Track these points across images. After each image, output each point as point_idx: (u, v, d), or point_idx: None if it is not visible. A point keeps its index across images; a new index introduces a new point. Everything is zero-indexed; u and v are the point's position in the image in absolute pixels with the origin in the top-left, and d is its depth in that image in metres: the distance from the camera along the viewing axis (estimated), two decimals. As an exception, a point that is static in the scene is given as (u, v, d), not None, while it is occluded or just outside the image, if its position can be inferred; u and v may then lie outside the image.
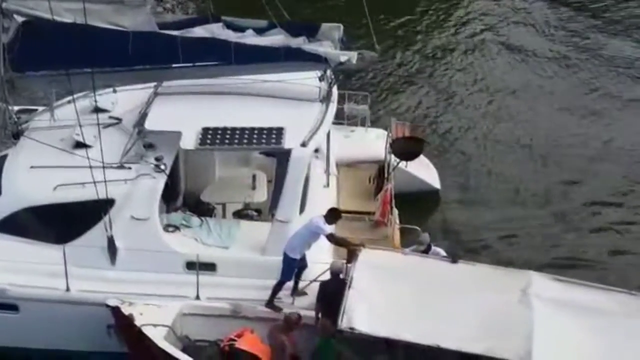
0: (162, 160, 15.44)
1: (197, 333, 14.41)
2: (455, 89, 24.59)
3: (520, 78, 25.18)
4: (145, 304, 14.25)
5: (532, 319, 12.91)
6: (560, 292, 13.61)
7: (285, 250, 14.56)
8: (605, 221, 19.71)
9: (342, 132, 19.32)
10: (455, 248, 17.53)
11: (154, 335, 13.83)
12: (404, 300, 13.39)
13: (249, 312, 14.57)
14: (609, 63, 25.91)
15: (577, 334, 12.91)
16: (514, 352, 12.63)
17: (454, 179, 20.71)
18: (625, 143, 22.26)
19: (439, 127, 22.69)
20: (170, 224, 15.70)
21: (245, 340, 13.99)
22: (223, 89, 16.45)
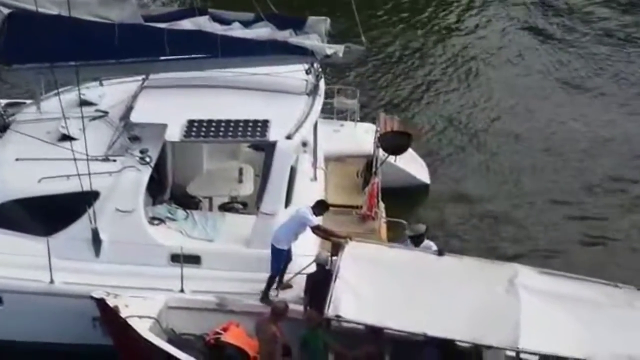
0: (147, 153, 15.41)
1: (183, 327, 14.37)
2: (446, 83, 24.56)
3: (512, 71, 25.19)
4: (130, 296, 14.20)
5: (519, 309, 12.88)
6: (547, 284, 13.59)
7: (272, 241, 14.54)
8: (597, 215, 19.63)
9: (331, 126, 19.33)
10: (444, 242, 17.50)
11: (140, 326, 13.78)
12: (391, 290, 13.38)
13: (235, 306, 14.52)
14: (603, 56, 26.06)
15: (564, 323, 12.88)
16: (501, 340, 12.63)
17: (444, 173, 20.67)
18: (620, 135, 22.25)
19: (429, 122, 22.64)
20: (155, 216, 15.66)
21: (232, 333, 13.93)
22: (210, 82, 16.45)
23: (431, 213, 19.23)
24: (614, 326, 12.92)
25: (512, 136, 22.20)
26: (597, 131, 22.43)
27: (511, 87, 24.39)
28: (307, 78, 16.52)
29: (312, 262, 14.51)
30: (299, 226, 14.56)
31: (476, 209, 19.66)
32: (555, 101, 23.79)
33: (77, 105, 16.23)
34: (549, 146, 21.80)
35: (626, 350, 12.59)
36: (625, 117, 23.12)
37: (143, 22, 15.85)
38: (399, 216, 16.88)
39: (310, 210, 14.58)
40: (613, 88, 24.41)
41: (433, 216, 19.09)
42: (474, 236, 18.81)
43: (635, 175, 20.91)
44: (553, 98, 23.95)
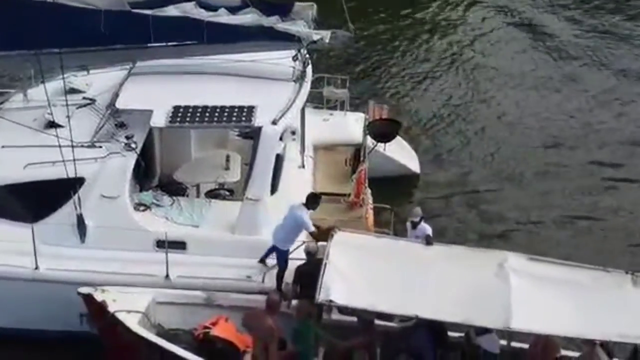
0: (132, 139, 15.41)
1: (171, 322, 14.26)
2: (437, 72, 24.54)
3: (503, 60, 25.22)
4: (118, 291, 14.12)
5: (509, 291, 12.85)
6: (536, 268, 13.56)
7: (276, 244, 14.53)
8: (586, 202, 19.67)
9: (321, 115, 19.30)
10: (434, 231, 17.44)
11: (129, 320, 13.70)
12: (381, 275, 13.34)
13: (224, 301, 14.44)
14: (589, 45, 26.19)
15: (554, 304, 12.86)
16: (493, 320, 12.61)
17: (435, 162, 20.65)
18: (609, 123, 22.38)
19: (421, 111, 22.61)
20: (141, 202, 15.63)
21: (221, 328, 13.83)
22: (197, 69, 16.39)
23: (421, 202, 19.05)
24: (604, 307, 12.89)
25: (504, 125, 22.21)
26: (596, 117, 22.58)
27: (504, 77, 24.42)
28: (294, 64, 16.44)
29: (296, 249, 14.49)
30: (298, 229, 14.53)
31: (466, 198, 19.63)
32: (547, 90, 23.86)
33: (64, 93, 16.19)
34: (542, 135, 21.82)
35: (617, 329, 12.59)
36: (619, 108, 23.21)
37: (129, 8, 15.79)
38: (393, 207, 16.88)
39: (305, 208, 14.52)
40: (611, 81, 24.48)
41: (423, 205, 18.82)
42: (463, 225, 18.78)
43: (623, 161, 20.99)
44: (544, 87, 24.00)
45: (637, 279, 13.33)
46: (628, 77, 24.71)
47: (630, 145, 21.65)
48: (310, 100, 19.23)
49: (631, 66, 25.23)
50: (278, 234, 14.55)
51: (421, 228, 14.87)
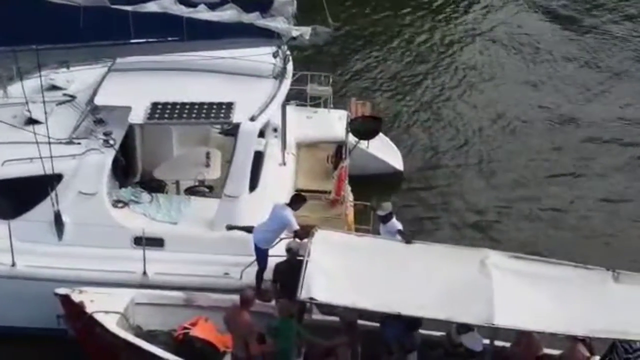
0: (110, 135, 15.35)
1: (149, 323, 14.18)
2: (421, 68, 24.55)
3: (488, 57, 25.28)
4: (96, 292, 14.03)
5: (492, 287, 12.80)
6: (518, 266, 13.51)
7: (258, 244, 14.41)
8: (574, 202, 19.64)
9: (304, 113, 19.28)
10: (416, 228, 17.52)
11: (106, 321, 13.61)
12: (363, 273, 13.27)
13: (203, 301, 14.36)
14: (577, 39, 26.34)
15: (537, 300, 12.80)
16: (476, 317, 12.56)
17: (418, 160, 20.62)
18: (596, 118, 22.44)
19: (405, 108, 22.58)
20: (119, 199, 15.58)
21: (200, 328, 13.79)
22: (177, 65, 16.29)
23: (404, 200, 19.17)
24: (587, 303, 12.86)
25: (489, 123, 22.19)
26: (584, 113, 22.63)
27: (490, 74, 24.47)
28: (275, 61, 16.39)
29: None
30: (281, 228, 14.42)
31: (450, 195, 19.62)
32: (532, 87, 23.95)
33: (45, 90, 16.17)
34: (528, 132, 21.85)
35: (600, 325, 12.55)
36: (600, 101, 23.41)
37: (108, 4, 15.70)
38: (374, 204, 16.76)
39: (289, 208, 14.43)
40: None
41: (406, 203, 19.03)
42: (446, 222, 18.80)
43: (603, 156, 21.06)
44: (528, 84, 24.08)
45: (618, 276, 13.29)
46: (615, 73, 24.84)
47: (606, 139, 21.79)
48: (293, 98, 19.35)
49: (616, 64, 25.34)
50: (261, 234, 14.42)
51: (391, 224, 14.78)
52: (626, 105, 23.18)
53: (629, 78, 24.44)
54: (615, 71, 24.81)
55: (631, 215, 19.24)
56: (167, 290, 14.50)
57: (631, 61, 25.28)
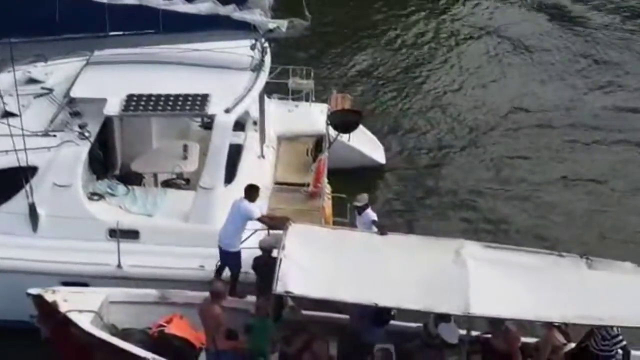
0: (86, 128, 15.32)
1: (124, 321, 14.03)
2: (404, 60, 24.51)
3: (472, 48, 25.30)
4: (69, 291, 13.91)
5: (467, 275, 12.77)
6: (492, 254, 13.50)
7: (225, 248, 14.28)
8: (553, 196, 19.62)
9: (286, 106, 19.24)
10: (395, 222, 17.47)
11: (80, 320, 13.47)
12: (338, 265, 13.18)
13: (178, 298, 14.25)
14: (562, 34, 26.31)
15: (513, 288, 12.75)
16: (453, 307, 12.53)
17: (400, 153, 20.57)
18: (579, 112, 22.44)
19: (387, 101, 22.54)
20: (95, 192, 15.58)
21: (176, 325, 13.68)
22: (154, 58, 16.32)
23: (385, 193, 19.20)
24: (562, 290, 12.84)
25: (473, 115, 22.18)
26: (567, 106, 22.70)
27: (473, 66, 24.43)
28: (253, 54, 16.37)
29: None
30: (244, 221, 14.30)
31: (431, 190, 19.57)
32: (515, 78, 23.97)
33: (22, 83, 16.24)
34: (510, 128, 21.78)
35: (575, 311, 12.55)
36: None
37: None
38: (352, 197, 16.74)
39: (246, 201, 14.31)
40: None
41: (387, 196, 19.05)
42: (427, 216, 18.71)
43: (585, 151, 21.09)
44: (512, 76, 24.12)
45: (592, 263, 13.28)
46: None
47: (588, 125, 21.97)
48: (275, 92, 19.33)
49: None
50: (224, 235, 14.30)
51: (366, 215, 14.76)
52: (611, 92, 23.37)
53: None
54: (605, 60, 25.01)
55: (608, 197, 19.50)
56: (141, 282, 14.45)
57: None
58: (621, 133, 21.54)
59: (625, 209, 19.11)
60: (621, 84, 23.79)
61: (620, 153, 20.96)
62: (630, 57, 25.08)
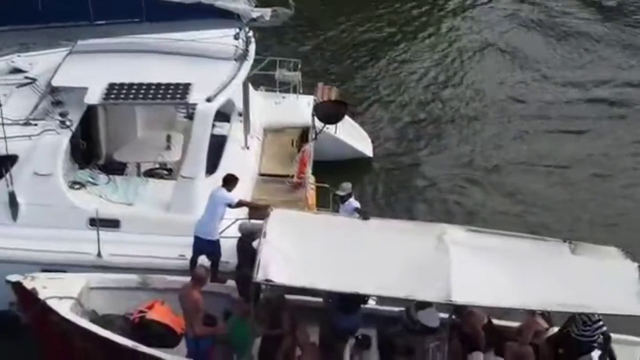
0: (67, 116, 15.26)
1: (105, 307, 13.95)
2: (393, 52, 24.40)
3: (461, 42, 25.20)
4: (48, 278, 13.81)
5: (449, 262, 12.67)
6: (474, 239, 13.40)
7: (203, 237, 14.19)
8: (532, 181, 19.71)
9: (273, 98, 19.17)
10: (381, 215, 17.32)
11: (60, 307, 13.37)
12: (320, 252, 13.05)
13: (159, 284, 14.19)
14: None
15: (495, 275, 12.66)
16: (435, 294, 12.42)
17: (388, 146, 20.47)
18: (564, 102, 22.57)
19: (376, 93, 22.48)
20: (76, 181, 15.53)
21: (156, 311, 13.62)
22: (137, 48, 16.26)
23: (371, 186, 19.08)
24: (544, 276, 12.75)
25: (460, 107, 22.12)
26: (552, 97, 22.72)
27: (461, 55, 24.43)
28: (236, 43, 16.30)
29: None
30: (221, 208, 14.21)
31: (419, 182, 19.49)
32: (501, 70, 23.98)
33: (6, 73, 16.36)
34: (499, 118, 21.78)
35: (557, 299, 12.48)
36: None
37: (67, -16, 15.73)
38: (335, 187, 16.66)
39: (224, 189, 14.25)
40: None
41: (373, 189, 18.96)
42: (413, 210, 18.58)
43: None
44: (495, 67, 24.14)
45: (575, 247, 13.22)
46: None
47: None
48: (263, 84, 19.26)
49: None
50: (201, 224, 14.21)
51: (349, 203, 14.71)
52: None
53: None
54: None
55: (586, 183, 19.72)
56: (121, 271, 14.37)
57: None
58: (590, 122, 21.85)
59: (607, 193, 19.31)
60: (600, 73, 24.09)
61: (595, 140, 21.22)
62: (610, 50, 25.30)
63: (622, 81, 23.50)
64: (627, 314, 12.49)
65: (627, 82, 23.51)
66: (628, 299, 12.43)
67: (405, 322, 13.60)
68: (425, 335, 13.38)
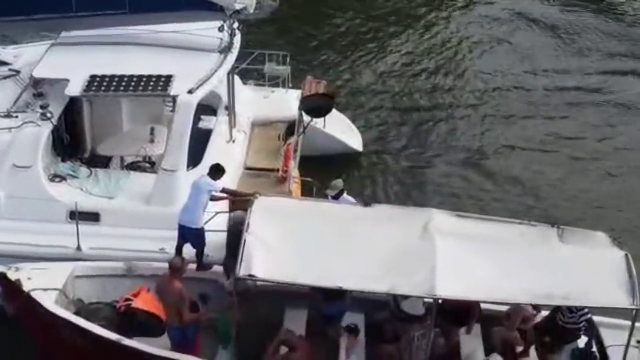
0: (47, 108, 15.17)
1: (91, 295, 13.87)
2: (386, 46, 24.22)
3: (450, 34, 25.05)
4: (32, 268, 13.69)
5: (434, 254, 12.47)
6: (461, 226, 13.19)
7: (187, 224, 13.92)
8: (520, 168, 19.70)
9: (262, 92, 19.05)
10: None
11: (44, 299, 13.26)
12: (303, 243, 12.86)
13: (144, 270, 14.06)
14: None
15: (481, 266, 12.48)
16: (418, 287, 12.24)
17: (379, 140, 20.27)
18: (555, 93, 22.52)
19: (366, 87, 22.30)
20: (57, 174, 15.41)
21: (142, 299, 13.44)
22: (121, 39, 16.18)
23: (361, 181, 18.91)
24: (531, 266, 12.59)
25: (451, 101, 21.96)
26: (542, 89, 22.68)
27: (450, 48, 24.29)
28: (221, 35, 16.16)
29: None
30: (205, 196, 13.97)
31: (409, 176, 19.30)
32: (491, 62, 23.84)
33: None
34: (489, 110, 21.64)
35: (543, 289, 12.35)
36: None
37: (49, -25, 15.62)
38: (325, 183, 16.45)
39: (208, 177, 14.07)
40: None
41: (362, 184, 18.79)
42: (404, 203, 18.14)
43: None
44: (486, 59, 24.00)
45: (563, 233, 13.06)
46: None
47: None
48: (252, 77, 19.11)
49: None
50: (185, 212, 13.97)
51: (344, 200, 14.50)
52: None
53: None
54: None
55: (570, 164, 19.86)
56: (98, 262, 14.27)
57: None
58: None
59: (592, 175, 19.50)
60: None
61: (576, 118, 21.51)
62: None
63: (617, 70, 23.64)
64: (614, 306, 12.48)
65: (622, 71, 23.68)
66: (615, 290, 12.29)
67: (392, 309, 13.51)
68: (411, 322, 13.25)
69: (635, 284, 12.22)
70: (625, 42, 25.06)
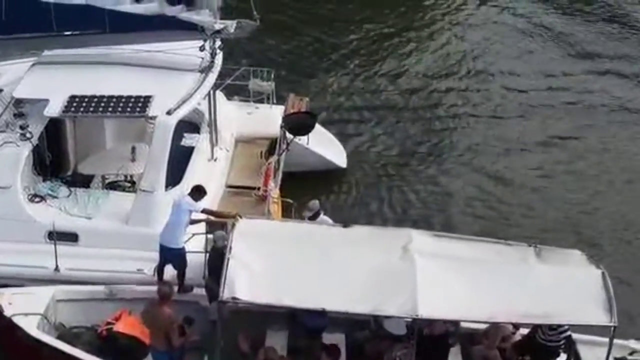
0: (27, 129, 15.19)
1: (73, 319, 13.89)
2: (370, 62, 24.25)
3: (433, 45, 25.19)
4: (14, 293, 13.71)
5: (415, 274, 12.52)
6: (440, 246, 13.25)
7: (169, 245, 13.98)
8: (502, 176, 19.94)
9: (246, 109, 19.05)
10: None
11: (26, 324, 13.26)
12: (286, 265, 12.92)
13: (125, 294, 14.08)
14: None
15: (461, 286, 12.56)
16: (400, 308, 12.28)
17: (363, 157, 20.27)
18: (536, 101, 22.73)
19: (352, 105, 22.30)
20: (36, 194, 15.42)
21: (124, 322, 13.52)
22: (101, 59, 16.21)
23: (344, 198, 18.91)
24: (509, 285, 12.67)
25: (435, 117, 22.03)
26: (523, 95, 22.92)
27: (436, 64, 24.35)
28: (202, 55, 16.18)
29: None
30: (185, 216, 14.02)
31: (394, 193, 19.28)
32: (476, 76, 23.96)
33: None
34: (473, 127, 21.73)
35: (521, 309, 12.42)
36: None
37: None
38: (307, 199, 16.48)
39: (189, 197, 14.09)
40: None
41: (346, 201, 18.80)
42: (388, 219, 18.33)
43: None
44: (472, 74, 24.10)
45: (540, 252, 13.14)
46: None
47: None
48: (237, 93, 19.12)
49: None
50: (166, 232, 14.03)
51: (320, 220, 14.53)
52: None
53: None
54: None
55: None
56: (79, 285, 14.26)
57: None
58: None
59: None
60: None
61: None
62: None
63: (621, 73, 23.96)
64: (592, 324, 12.55)
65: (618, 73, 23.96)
66: (593, 308, 12.38)
67: (373, 327, 13.55)
68: (393, 342, 13.29)
69: (612, 302, 12.34)
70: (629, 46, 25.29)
